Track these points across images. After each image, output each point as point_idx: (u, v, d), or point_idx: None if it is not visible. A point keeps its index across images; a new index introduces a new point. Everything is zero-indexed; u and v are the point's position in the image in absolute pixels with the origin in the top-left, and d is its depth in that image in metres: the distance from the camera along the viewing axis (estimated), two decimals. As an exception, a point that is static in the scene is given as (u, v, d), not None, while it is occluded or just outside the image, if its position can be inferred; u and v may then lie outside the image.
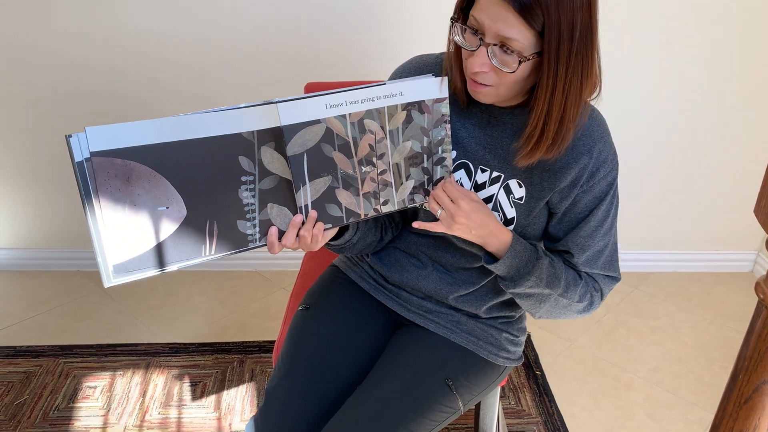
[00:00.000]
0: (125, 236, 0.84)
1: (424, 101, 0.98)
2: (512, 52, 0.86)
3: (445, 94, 0.99)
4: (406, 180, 1.00)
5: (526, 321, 1.24)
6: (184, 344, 1.93)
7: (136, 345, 1.93)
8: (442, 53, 1.09)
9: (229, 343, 1.94)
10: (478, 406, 1.37)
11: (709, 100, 2.07)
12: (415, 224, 1.03)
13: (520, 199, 1.03)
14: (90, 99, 2.01)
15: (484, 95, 0.95)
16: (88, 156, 0.79)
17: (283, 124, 0.88)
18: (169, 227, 0.87)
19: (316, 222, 0.95)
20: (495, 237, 1.00)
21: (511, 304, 1.17)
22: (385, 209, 1.00)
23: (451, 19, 0.93)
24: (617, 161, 1.03)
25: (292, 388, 1.06)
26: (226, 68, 1.97)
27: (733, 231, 2.32)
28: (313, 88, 1.44)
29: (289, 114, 0.89)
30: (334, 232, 0.99)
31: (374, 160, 0.97)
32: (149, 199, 0.84)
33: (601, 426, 1.68)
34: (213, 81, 1.99)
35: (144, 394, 1.74)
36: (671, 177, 2.21)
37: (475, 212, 0.97)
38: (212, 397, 1.73)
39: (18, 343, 1.93)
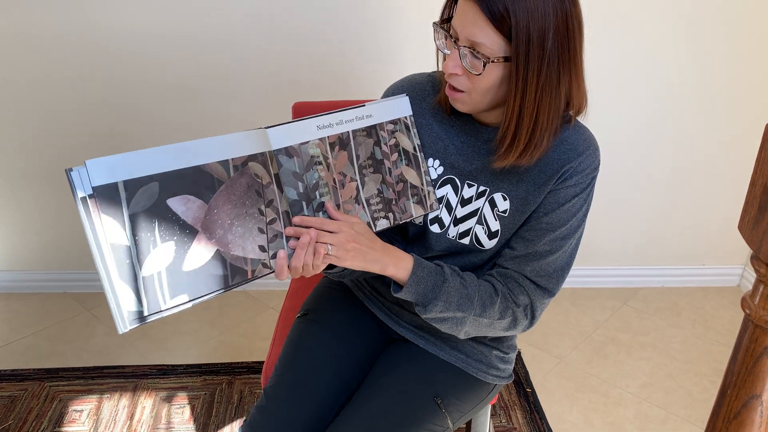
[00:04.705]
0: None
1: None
2: (481, 55, 0.88)
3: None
4: None
5: (516, 339, 1.23)
6: (172, 366, 1.91)
7: (123, 367, 1.90)
8: (434, 72, 1.10)
9: (217, 364, 1.93)
10: (468, 424, 1.36)
11: (693, 115, 2.10)
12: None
13: (504, 212, 1.03)
14: (74, 118, 2.00)
15: (460, 102, 0.97)
16: (92, 192, 0.75)
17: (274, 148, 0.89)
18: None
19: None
20: (390, 259, 0.97)
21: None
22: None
23: (433, 24, 0.97)
24: (592, 185, 1.01)
25: (285, 394, 1.07)
26: (214, 92, 1.98)
27: (719, 246, 2.34)
28: (300, 109, 1.45)
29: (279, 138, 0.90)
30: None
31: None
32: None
33: (592, 443, 1.67)
34: (199, 106, 1.99)
35: (131, 417, 1.71)
36: (657, 192, 2.23)
37: (361, 234, 0.93)
38: (201, 419, 1.71)
39: (2, 367, 1.90)
